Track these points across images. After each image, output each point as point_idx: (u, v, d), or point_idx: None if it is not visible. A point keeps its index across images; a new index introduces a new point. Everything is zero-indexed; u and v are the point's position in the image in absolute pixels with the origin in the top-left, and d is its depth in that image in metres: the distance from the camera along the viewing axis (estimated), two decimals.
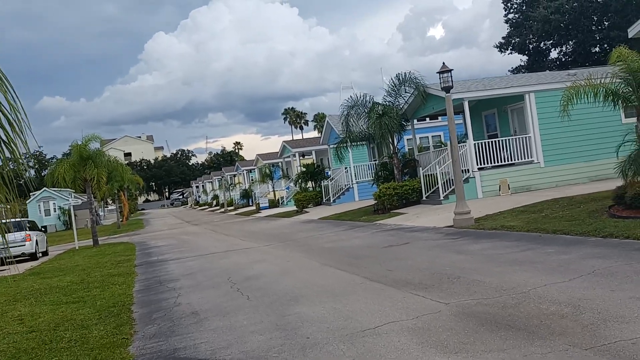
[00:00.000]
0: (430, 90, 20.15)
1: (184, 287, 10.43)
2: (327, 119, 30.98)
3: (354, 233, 16.06)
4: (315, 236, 16.85)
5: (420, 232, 13.65)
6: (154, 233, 31.86)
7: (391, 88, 20.63)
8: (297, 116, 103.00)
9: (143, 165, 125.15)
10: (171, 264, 14.70)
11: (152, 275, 12.84)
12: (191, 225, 36.27)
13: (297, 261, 11.89)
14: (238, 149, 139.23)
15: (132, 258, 17.52)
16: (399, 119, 20.18)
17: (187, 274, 12.21)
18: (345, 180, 30.22)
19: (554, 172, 19.47)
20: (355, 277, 8.93)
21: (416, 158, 22.99)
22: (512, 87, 19.52)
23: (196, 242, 21.50)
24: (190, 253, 17.00)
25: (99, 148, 26.81)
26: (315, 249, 13.51)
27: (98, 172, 25.45)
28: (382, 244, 12.63)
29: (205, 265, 13.27)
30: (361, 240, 14.11)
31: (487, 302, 6.37)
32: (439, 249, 10.60)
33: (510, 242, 10.12)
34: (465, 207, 13.53)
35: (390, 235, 14.05)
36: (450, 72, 13.83)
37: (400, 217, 18.14)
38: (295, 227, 21.49)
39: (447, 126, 31.01)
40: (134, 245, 23.35)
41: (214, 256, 15.14)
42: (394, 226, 16.11)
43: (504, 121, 21.38)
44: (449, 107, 14.14)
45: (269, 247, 15.72)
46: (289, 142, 42.44)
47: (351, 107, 20.59)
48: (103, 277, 13.18)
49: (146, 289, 10.77)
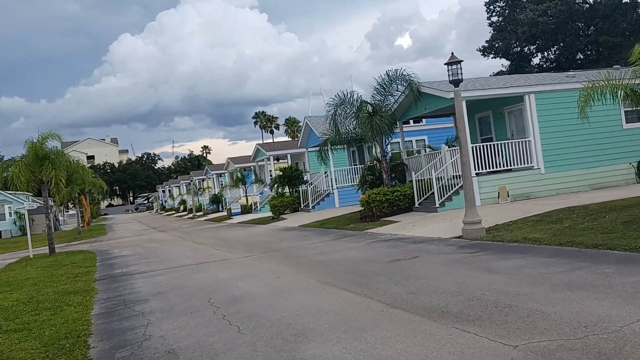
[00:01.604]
0: (425, 88, 18.67)
1: (155, 311, 8.55)
2: (306, 121, 29.27)
3: (346, 243, 14.36)
4: (301, 246, 15.09)
5: (426, 244, 12.03)
6: (118, 240, 29.56)
7: (381, 86, 19.05)
8: (268, 120, 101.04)
9: (107, 168, 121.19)
10: (137, 278, 12.74)
11: (115, 293, 10.88)
12: (158, 231, 34.02)
13: (289, 278, 10.13)
14: (206, 153, 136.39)
15: (92, 270, 15.45)
16: (390, 119, 18.61)
17: (157, 292, 10.31)
18: (325, 185, 28.54)
19: (554, 179, 18.19)
20: (371, 302, 7.24)
21: (405, 162, 21.47)
22: (512, 87, 18.17)
23: (165, 251, 19.48)
24: (159, 265, 15.04)
25: (57, 147, 24.46)
26: (306, 262, 11.76)
27: (56, 174, 23.16)
28: (386, 257, 10.97)
29: (178, 282, 11.37)
30: (358, 252, 12.42)
31: (570, 345, 4.75)
32: (461, 266, 8.99)
33: (547, 259, 8.57)
34: (476, 215, 11.99)
35: (390, 247, 12.40)
36: (459, 64, 12.30)
37: (393, 225, 16.53)
38: (275, 236, 19.68)
39: (432, 130, 29.87)
40: (94, 254, 21.16)
41: (188, 269, 13.23)
42: (390, 236, 14.48)
43: (499, 124, 20.04)
44: (458, 103, 12.60)
45: (250, 258, 13.90)
46: (263, 145, 40.62)
47: (338, 105, 18.92)
48: (56, 294, 11.16)
49: (108, 313, 8.85)
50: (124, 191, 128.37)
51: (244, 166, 45.66)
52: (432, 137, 29.07)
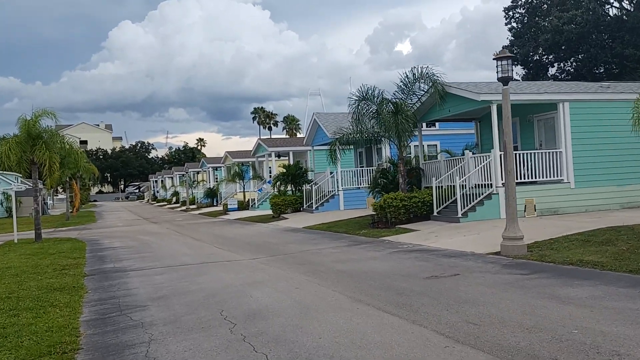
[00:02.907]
0: (452, 89, 17.38)
1: (157, 322, 7.19)
2: (315, 117, 27.90)
3: (364, 251, 13.03)
4: (312, 251, 13.75)
5: (461, 259, 10.73)
6: (108, 229, 28.08)
7: (404, 84, 17.73)
8: (267, 116, 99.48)
9: (99, 154, 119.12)
10: (132, 277, 11.35)
11: (108, 294, 9.50)
12: (150, 223, 32.56)
13: (310, 289, 8.79)
14: (201, 146, 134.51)
15: (81, 262, 14.05)
16: (413, 119, 17.31)
17: (158, 297, 8.94)
18: (330, 186, 27.19)
19: (584, 194, 16.96)
20: (425, 332, 5.92)
21: (421, 167, 20.19)
22: (546, 94, 16.91)
23: (160, 245, 18.08)
24: (155, 261, 13.66)
25: (52, 127, 22.98)
26: (325, 271, 10.42)
27: (50, 156, 21.69)
28: (419, 272, 9.66)
29: (180, 284, 10.00)
30: (382, 263, 11.09)
31: None
32: (519, 290, 7.67)
33: (625, 289, 7.27)
34: (517, 230, 10.71)
35: (418, 260, 11.08)
36: (509, 60, 11.01)
37: (412, 234, 15.23)
38: (280, 237, 18.32)
39: (445, 135, 28.58)
40: (84, 243, 19.73)
41: (189, 270, 11.86)
42: (412, 246, 13.16)
43: (527, 133, 18.78)
44: (505, 102, 11.33)
45: (258, 261, 12.54)
46: (265, 141, 39.23)
47: (360, 101, 17.55)
48: (40, 290, 9.77)
49: (100, 321, 7.48)
50: (115, 179, 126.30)
51: (242, 161, 44.21)
52: (445, 142, 27.79)
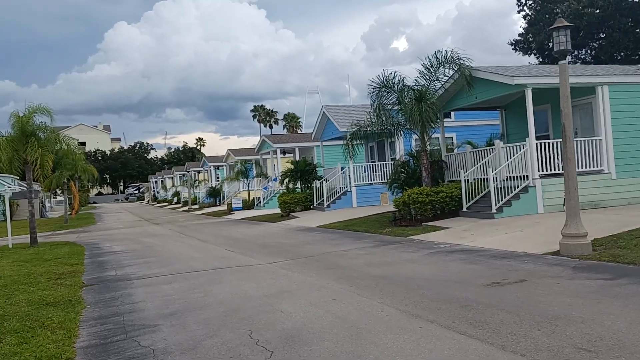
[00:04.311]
0: (480, 73, 15.96)
1: (171, 348, 5.78)
2: (324, 110, 26.44)
3: (396, 253, 11.61)
4: (336, 253, 12.33)
5: (516, 261, 9.31)
6: (108, 232, 26.65)
7: (427, 69, 16.30)
8: (267, 114, 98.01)
9: (98, 155, 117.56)
10: (137, 286, 9.94)
11: (110, 309, 8.08)
12: (152, 224, 31.13)
13: (351, 301, 7.37)
14: (200, 145, 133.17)
15: (80, 270, 12.63)
16: (437, 106, 15.88)
17: (169, 313, 7.52)
18: (341, 182, 25.77)
19: (626, 185, 15.58)
20: None
21: (443, 160, 18.77)
22: (584, 76, 15.48)
23: (165, 248, 16.67)
24: (162, 267, 12.24)
25: (46, 124, 21.50)
26: (360, 277, 9.01)
27: (43, 154, 20.26)
28: (473, 277, 8.25)
29: (193, 296, 8.58)
30: (423, 266, 9.67)
31: None
32: (615, 302, 6.25)
33: None
34: (580, 227, 9.31)
35: (465, 262, 9.66)
36: (567, 30, 9.61)
37: (443, 232, 13.82)
38: (295, 237, 16.90)
39: (461, 127, 27.12)
40: (82, 247, 18.31)
41: (201, 277, 10.45)
42: (449, 246, 11.75)
43: (559, 120, 17.27)
44: (564, 79, 9.92)
45: (277, 265, 11.13)
46: (270, 137, 37.78)
47: (380, 88, 16.11)
48: (31, 306, 8.36)
49: (101, 347, 6.06)
50: (114, 180, 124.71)
51: (244, 159, 42.82)
52: (461, 134, 26.35)
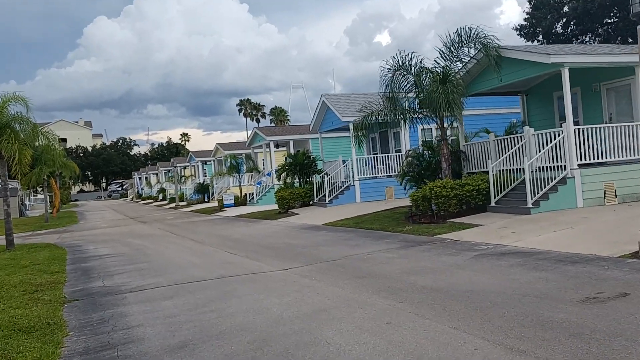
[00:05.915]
0: (509, 52, 14.36)
1: None
2: (324, 99, 24.69)
3: (434, 257, 9.97)
4: (360, 256, 10.66)
5: (593, 267, 7.70)
6: (92, 232, 24.74)
7: (448, 48, 14.66)
8: (254, 108, 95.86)
9: (79, 152, 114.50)
10: (132, 303, 8.18)
11: (99, 338, 6.32)
12: (138, 222, 29.24)
13: (413, 326, 5.71)
14: (185, 141, 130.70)
15: (61, 279, 10.85)
16: (463, 88, 14.26)
17: (178, 345, 5.79)
18: (343, 176, 24.10)
19: None
20: None
21: (462, 150, 17.20)
22: (623, 55, 13.97)
23: (158, 251, 14.90)
24: (158, 276, 10.48)
25: (22, 114, 19.52)
26: (407, 290, 7.35)
27: (20, 148, 18.32)
28: (556, 290, 6.63)
29: (205, 317, 6.85)
30: (479, 275, 8.03)
31: None
32: None
33: None
34: None
35: (529, 269, 8.03)
36: None
37: (476, 230, 12.22)
38: (302, 237, 15.21)
39: (468, 116, 25.45)
40: (64, 250, 16.49)
41: (207, 289, 8.72)
42: (494, 248, 10.12)
43: (591, 104, 15.82)
44: None
45: (295, 273, 9.44)
46: (262, 129, 35.96)
47: (396, 70, 14.44)
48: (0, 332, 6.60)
49: None
50: (96, 177, 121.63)
51: (234, 153, 40.96)
52: (468, 124, 24.76)
